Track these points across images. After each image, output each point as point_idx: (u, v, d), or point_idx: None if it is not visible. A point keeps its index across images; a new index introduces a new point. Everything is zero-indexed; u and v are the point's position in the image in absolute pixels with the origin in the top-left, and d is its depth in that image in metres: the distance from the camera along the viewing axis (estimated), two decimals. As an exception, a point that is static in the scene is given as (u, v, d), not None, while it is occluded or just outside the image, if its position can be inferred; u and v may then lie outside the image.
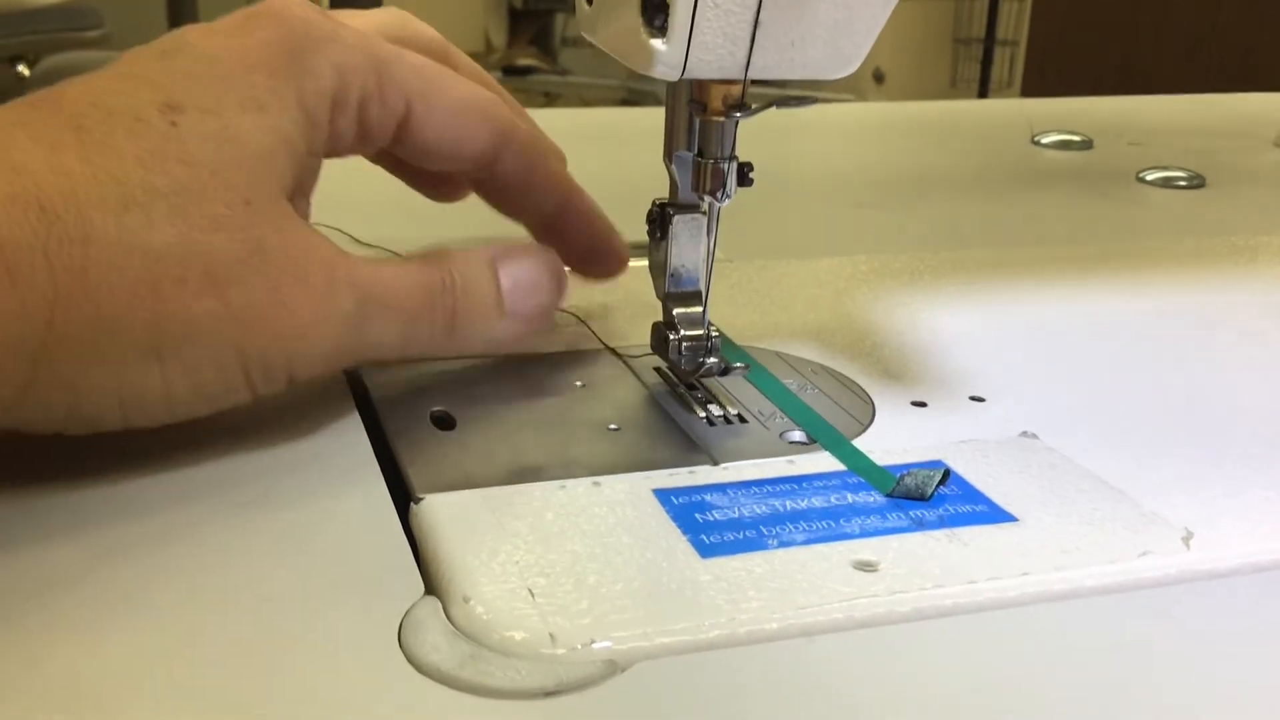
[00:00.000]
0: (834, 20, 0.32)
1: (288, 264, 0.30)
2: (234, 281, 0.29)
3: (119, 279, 0.28)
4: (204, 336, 0.29)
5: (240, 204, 0.30)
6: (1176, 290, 0.49)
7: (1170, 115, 0.94)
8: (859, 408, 0.37)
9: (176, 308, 0.29)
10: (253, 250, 0.30)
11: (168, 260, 0.28)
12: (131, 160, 0.29)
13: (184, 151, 0.29)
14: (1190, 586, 0.29)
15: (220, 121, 0.30)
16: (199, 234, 0.29)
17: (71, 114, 0.29)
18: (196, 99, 0.30)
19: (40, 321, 0.27)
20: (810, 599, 0.27)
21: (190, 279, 0.29)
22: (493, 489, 0.31)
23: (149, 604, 0.26)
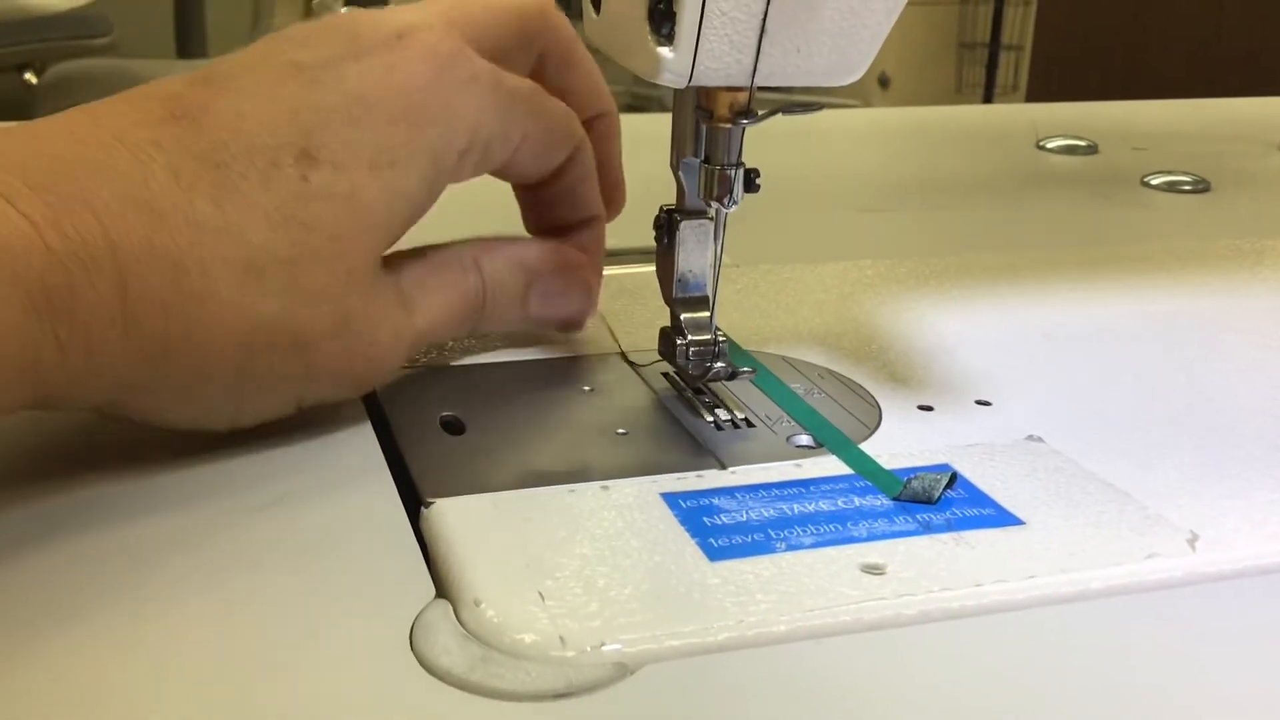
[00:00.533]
0: (839, 27, 0.32)
1: (365, 332, 0.32)
2: (318, 350, 0.31)
3: (224, 338, 0.29)
4: (280, 387, 0.32)
5: (344, 273, 0.31)
6: (1181, 294, 0.50)
7: (1175, 120, 0.94)
8: (865, 412, 0.37)
9: (264, 368, 0.31)
10: (340, 323, 0.31)
11: (268, 328, 0.30)
12: (260, 216, 0.30)
13: (309, 214, 0.30)
14: (1196, 588, 0.29)
15: (350, 182, 0.31)
16: (300, 307, 0.30)
17: (211, 143, 0.29)
18: (332, 151, 0.31)
19: (144, 365, 0.29)
20: (818, 602, 0.27)
21: (281, 345, 0.30)
22: (502, 493, 0.31)
23: (161, 607, 0.26)
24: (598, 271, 0.40)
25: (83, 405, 0.30)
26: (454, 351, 0.41)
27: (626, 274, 0.50)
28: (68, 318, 0.27)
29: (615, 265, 0.52)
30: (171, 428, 0.32)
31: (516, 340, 0.42)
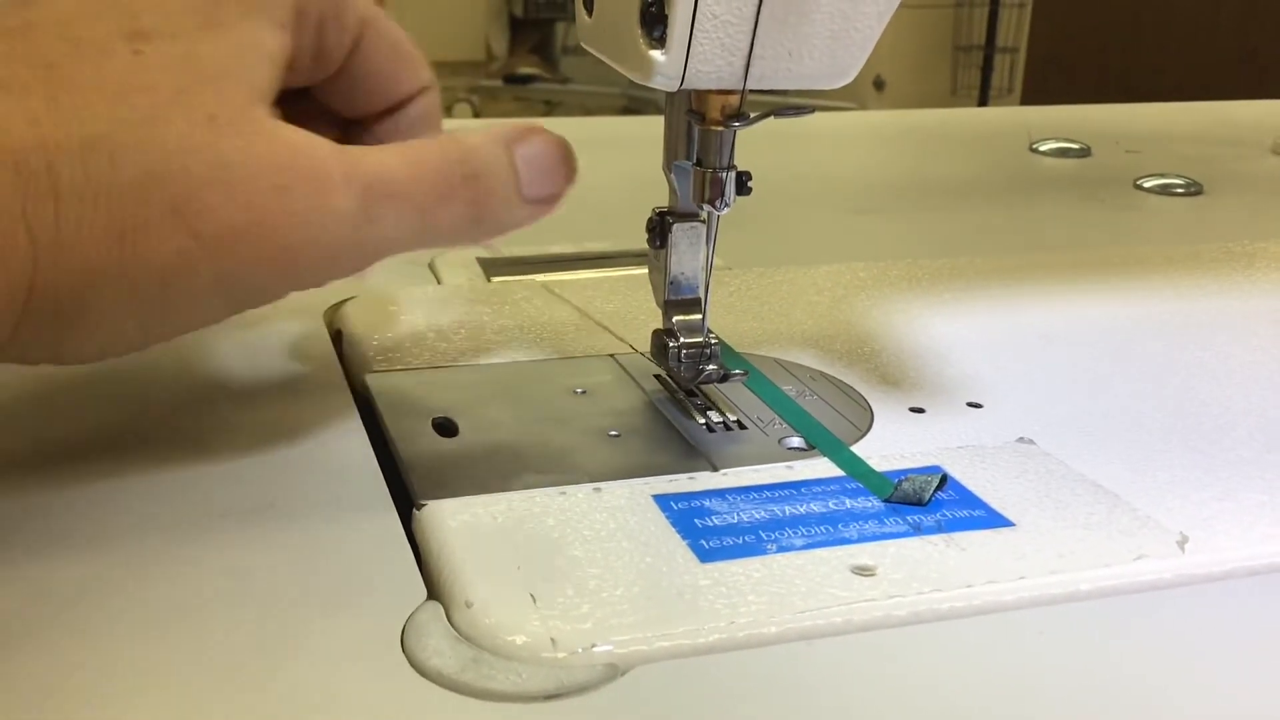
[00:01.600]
0: (831, 31, 0.33)
1: (261, 176, 0.29)
2: (203, 211, 0.28)
3: (88, 233, 0.27)
4: (179, 279, 0.28)
5: (204, 121, 0.29)
6: (1173, 296, 0.50)
7: (1168, 123, 0.94)
8: (857, 414, 0.37)
9: (146, 254, 0.28)
10: (217, 170, 0.28)
11: (129, 200, 0.28)
12: (95, 93, 0.28)
13: (148, 79, 0.29)
14: (1185, 590, 0.29)
15: (183, 45, 0.30)
16: (159, 164, 0.28)
17: (41, 48, 0.29)
18: (160, 25, 0.30)
19: (22, 290, 0.27)
20: (809, 603, 0.27)
21: (154, 218, 0.28)
22: (494, 495, 0.31)
23: (153, 608, 0.27)
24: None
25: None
26: (447, 353, 0.41)
27: (619, 276, 0.50)
28: None
29: (608, 268, 0.52)
30: (76, 362, 0.30)
31: (511, 343, 0.42)
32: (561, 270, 0.52)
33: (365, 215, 0.30)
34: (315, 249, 0.29)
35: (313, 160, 0.30)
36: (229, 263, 0.29)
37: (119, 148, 0.28)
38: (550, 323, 0.44)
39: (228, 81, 0.30)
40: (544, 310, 0.45)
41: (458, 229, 0.32)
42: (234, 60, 0.30)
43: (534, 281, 0.49)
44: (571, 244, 0.56)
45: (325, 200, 0.29)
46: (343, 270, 0.31)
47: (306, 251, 0.29)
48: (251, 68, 0.30)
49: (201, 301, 0.29)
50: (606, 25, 0.34)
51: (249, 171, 0.29)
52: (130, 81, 0.29)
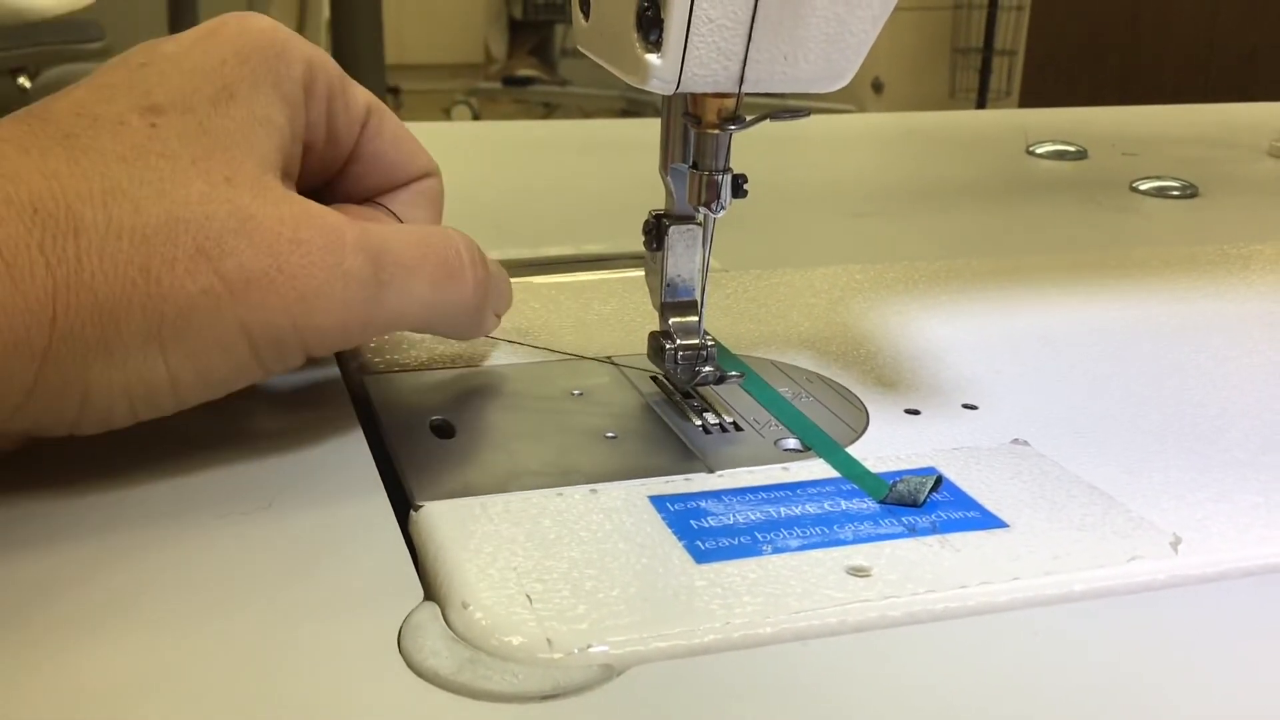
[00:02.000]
0: (826, 34, 0.33)
1: (282, 230, 0.30)
2: (226, 254, 0.29)
3: (111, 266, 0.28)
4: (203, 316, 0.29)
5: (222, 182, 0.30)
6: (1169, 298, 0.50)
7: (1165, 125, 0.94)
8: (853, 415, 0.37)
9: (171, 289, 0.29)
10: (242, 220, 0.30)
11: (155, 240, 0.29)
12: (115, 159, 0.29)
13: (164, 147, 0.30)
14: (1179, 591, 0.29)
15: (196, 119, 0.31)
16: (184, 210, 0.29)
17: (58, 124, 0.30)
18: (174, 100, 0.31)
19: (43, 318, 0.27)
20: (804, 604, 0.27)
21: (180, 258, 0.29)
22: (491, 496, 0.31)
23: (151, 610, 0.27)
24: None
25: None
26: (443, 356, 0.41)
27: (616, 278, 0.50)
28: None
29: (604, 270, 0.52)
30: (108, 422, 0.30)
31: (508, 345, 0.42)
32: (559, 272, 0.52)
33: (377, 280, 0.32)
34: (330, 303, 0.31)
35: (326, 221, 0.31)
36: (252, 307, 0.30)
37: (142, 198, 0.29)
38: (547, 325, 0.44)
39: (240, 150, 0.31)
40: (541, 312, 0.45)
41: (464, 310, 0.35)
42: (245, 132, 0.32)
43: (531, 283, 0.49)
44: (569, 246, 0.56)
45: (339, 259, 0.31)
46: (354, 333, 0.32)
47: (322, 304, 0.31)
48: (262, 140, 0.32)
49: (227, 346, 0.30)
50: (603, 29, 0.34)
51: (268, 224, 0.30)
52: (148, 148, 0.30)
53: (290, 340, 0.31)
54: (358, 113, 0.36)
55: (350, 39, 2.08)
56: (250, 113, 0.32)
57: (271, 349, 0.31)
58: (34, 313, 0.27)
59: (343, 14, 2.10)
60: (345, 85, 0.35)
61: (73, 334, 0.28)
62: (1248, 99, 1.07)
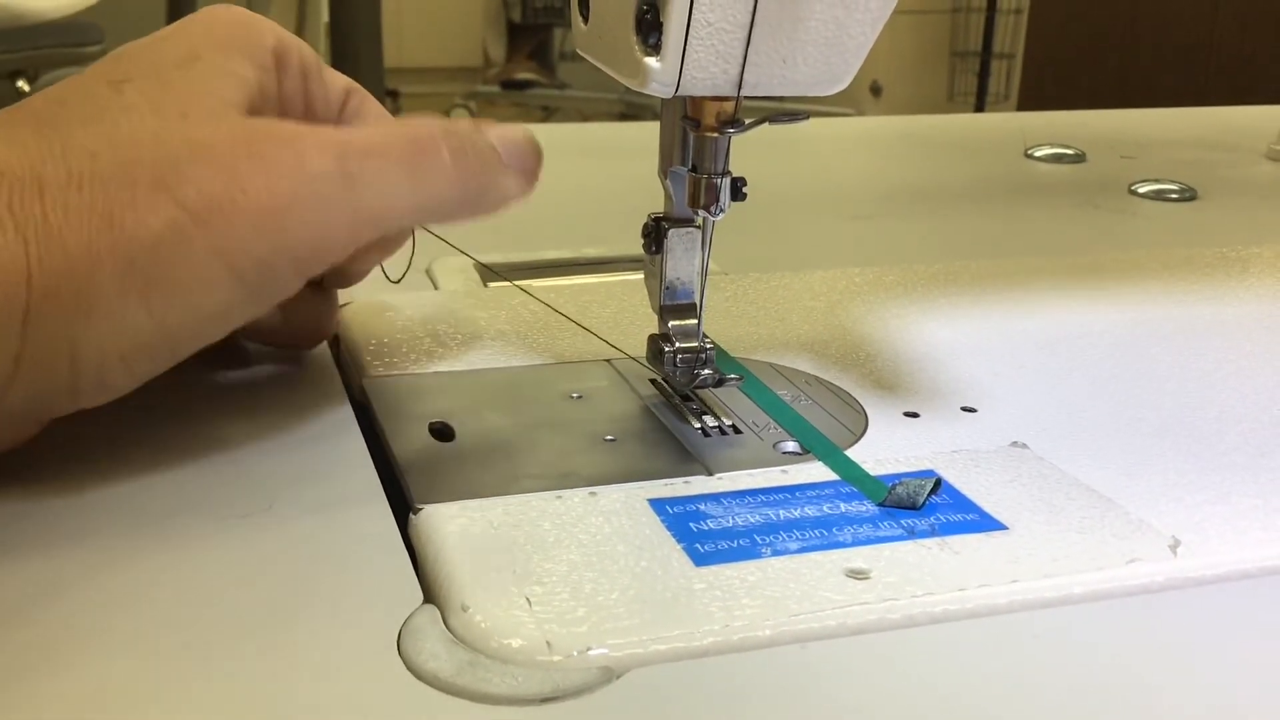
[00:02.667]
0: (824, 38, 0.33)
1: (237, 149, 0.30)
2: (184, 182, 0.29)
3: (75, 217, 0.28)
4: (172, 251, 0.29)
5: (176, 117, 0.30)
6: (1167, 301, 0.50)
7: (1163, 128, 0.94)
8: (852, 418, 0.38)
9: (135, 229, 0.28)
10: (195, 147, 0.29)
11: (113, 184, 0.29)
12: (77, 123, 0.30)
13: (125, 102, 0.30)
14: (1177, 593, 0.29)
15: (160, 79, 0.31)
16: (137, 150, 0.29)
17: (29, 108, 0.31)
18: (141, 70, 0.31)
19: (18, 278, 0.27)
20: (803, 606, 0.27)
21: (139, 196, 0.29)
22: (490, 499, 0.31)
23: (150, 613, 0.27)
24: None
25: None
26: (444, 358, 0.41)
27: (616, 281, 0.50)
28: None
29: (604, 272, 0.52)
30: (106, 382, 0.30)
31: (507, 348, 0.42)
32: (558, 276, 0.52)
33: (346, 176, 0.30)
34: (301, 209, 0.30)
35: (282, 131, 0.31)
36: (220, 231, 0.29)
37: (99, 147, 0.29)
38: (546, 328, 0.44)
39: (200, 92, 0.31)
40: (540, 315, 0.45)
41: (449, 192, 0.32)
42: (207, 80, 0.32)
43: (530, 287, 0.49)
44: (568, 249, 0.56)
45: (301, 161, 0.30)
46: (339, 238, 0.31)
47: (295, 216, 0.30)
48: (226, 87, 0.32)
49: (204, 276, 0.29)
50: (602, 32, 0.34)
51: (222, 146, 0.30)
52: (109, 105, 0.30)
53: (273, 261, 0.30)
54: (336, 92, 0.36)
55: (349, 42, 2.09)
56: (215, 67, 0.32)
57: (255, 273, 0.30)
58: (8, 272, 0.27)
59: (342, 17, 2.10)
60: (321, 67, 0.36)
61: (50, 292, 0.28)
62: (1246, 102, 1.07)
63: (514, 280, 0.48)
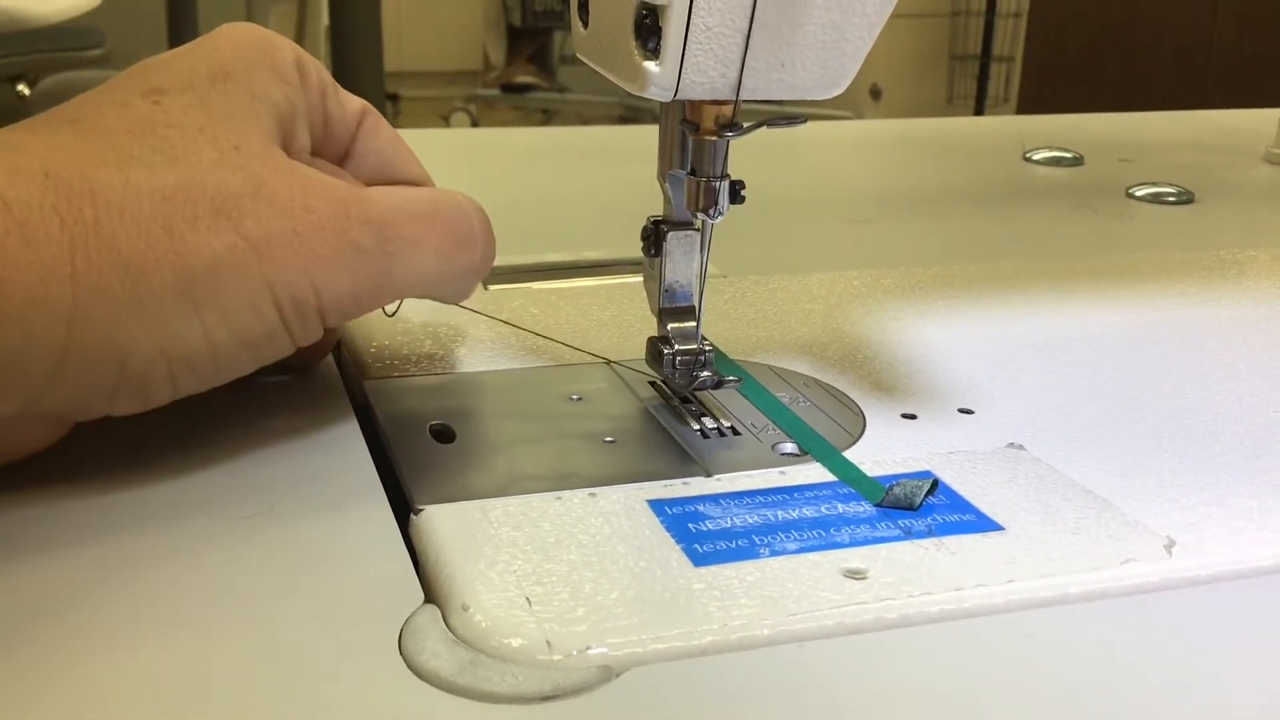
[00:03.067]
0: (822, 42, 0.33)
1: (294, 195, 0.31)
2: (245, 215, 0.30)
3: (132, 224, 0.29)
4: (230, 273, 0.30)
5: (230, 149, 0.31)
6: (1164, 304, 0.50)
7: (1161, 131, 0.95)
8: (850, 420, 0.38)
9: (196, 245, 0.29)
10: (256, 185, 0.31)
11: (175, 200, 0.29)
12: (121, 132, 0.30)
13: (169, 118, 0.31)
14: (1172, 593, 0.29)
15: (196, 94, 0.32)
16: (199, 174, 0.30)
17: (62, 113, 0.31)
18: (173, 82, 0.32)
19: (62, 274, 0.28)
20: (801, 606, 0.28)
21: (202, 216, 0.30)
22: (491, 500, 0.32)
23: (153, 615, 0.27)
24: None
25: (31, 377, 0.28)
26: (444, 360, 0.41)
27: (615, 284, 0.51)
28: None
29: (604, 275, 0.53)
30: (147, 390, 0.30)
31: (507, 350, 0.42)
32: (558, 278, 0.52)
33: (383, 252, 0.32)
34: (341, 269, 0.32)
35: (332, 191, 0.32)
36: (276, 266, 0.30)
37: (156, 163, 0.30)
38: (547, 330, 0.44)
39: (242, 121, 0.32)
40: (540, 318, 0.45)
41: (469, 280, 0.36)
42: (245, 106, 0.32)
43: (530, 289, 0.49)
44: (568, 252, 0.56)
45: (345, 229, 0.32)
46: (364, 302, 0.33)
47: (335, 269, 0.32)
48: (262, 114, 0.33)
49: (256, 306, 0.30)
50: (602, 37, 0.35)
51: (281, 189, 0.31)
52: (154, 120, 0.31)
53: (310, 303, 0.31)
54: (353, 110, 0.37)
55: (349, 46, 2.09)
56: (248, 89, 0.33)
57: (295, 311, 0.31)
58: (50, 269, 0.27)
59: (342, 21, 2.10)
60: (337, 87, 0.36)
61: (99, 291, 0.28)
62: (1246, 105, 1.07)
63: (516, 283, 0.48)
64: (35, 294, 0.27)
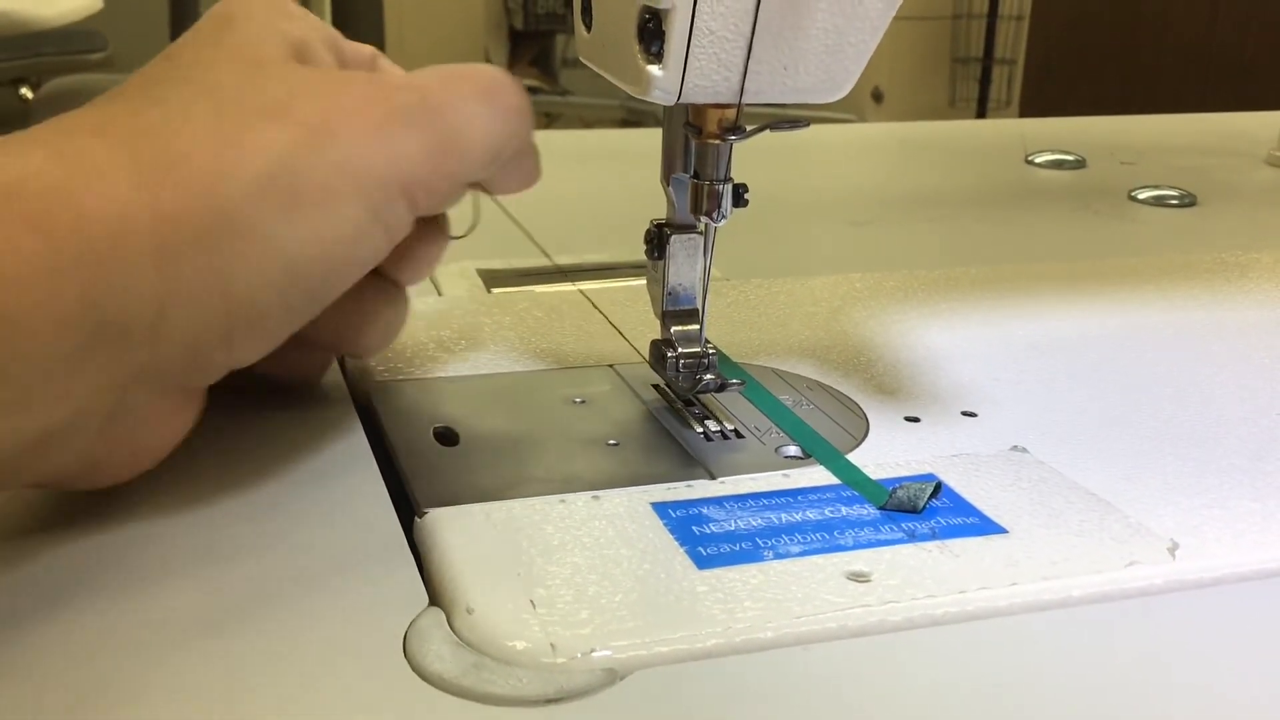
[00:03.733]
0: (825, 46, 0.33)
1: (328, 85, 0.31)
2: (292, 109, 0.30)
3: (190, 141, 0.28)
4: (304, 161, 0.29)
5: (253, 65, 0.31)
6: (1166, 306, 0.50)
7: (1163, 134, 0.95)
8: (853, 423, 0.38)
9: (262, 144, 0.29)
10: (289, 86, 0.30)
11: (224, 117, 0.29)
12: (150, 85, 0.30)
13: (188, 62, 0.31)
14: (1175, 596, 0.29)
15: (206, 39, 0.32)
16: (232, 92, 0.30)
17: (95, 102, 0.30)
18: (181, 43, 0.32)
19: (140, 203, 0.27)
20: (805, 609, 0.28)
21: (253, 122, 0.29)
22: (495, 503, 0.32)
23: (156, 615, 0.27)
24: None
25: (134, 332, 0.27)
26: (448, 364, 0.41)
27: (619, 287, 0.51)
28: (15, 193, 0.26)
29: (608, 279, 0.53)
30: (260, 325, 0.30)
31: (511, 353, 0.42)
32: (561, 281, 0.52)
33: (426, 105, 0.32)
34: (397, 135, 0.31)
35: (359, 74, 0.32)
36: (341, 144, 0.30)
37: (189, 96, 0.30)
38: (549, 333, 0.44)
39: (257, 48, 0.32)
40: (544, 321, 0.46)
41: (522, 134, 0.35)
42: (256, 36, 0.32)
43: (534, 292, 0.49)
44: (571, 255, 0.56)
45: (386, 97, 0.31)
46: (438, 164, 0.32)
47: (395, 136, 0.31)
48: (272, 40, 0.32)
49: (334, 189, 0.30)
50: (605, 40, 0.35)
51: (316, 83, 0.31)
52: (174, 74, 0.31)
53: (386, 178, 0.31)
54: (365, 55, 0.36)
55: (352, 49, 2.09)
56: (253, 25, 0.32)
57: (381, 191, 0.31)
58: (125, 199, 0.27)
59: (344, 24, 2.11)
60: (342, 37, 0.36)
61: (183, 219, 0.27)
62: (1247, 108, 1.07)
63: (520, 287, 0.48)
64: (113, 229, 0.26)
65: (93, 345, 0.26)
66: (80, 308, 0.26)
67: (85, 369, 0.26)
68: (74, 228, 0.26)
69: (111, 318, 0.26)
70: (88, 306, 0.26)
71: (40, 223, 0.25)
